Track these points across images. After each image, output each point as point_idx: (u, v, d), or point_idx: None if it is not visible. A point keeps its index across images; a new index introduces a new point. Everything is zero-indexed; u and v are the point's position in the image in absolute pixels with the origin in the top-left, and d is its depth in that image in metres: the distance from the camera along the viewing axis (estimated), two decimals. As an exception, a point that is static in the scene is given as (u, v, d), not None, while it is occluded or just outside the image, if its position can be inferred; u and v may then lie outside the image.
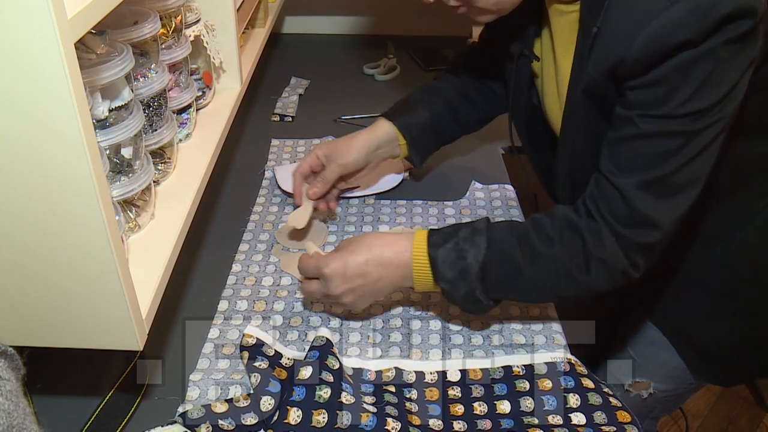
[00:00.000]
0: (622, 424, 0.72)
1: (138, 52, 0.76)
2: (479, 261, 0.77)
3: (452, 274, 0.78)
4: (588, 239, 0.76)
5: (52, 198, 0.53)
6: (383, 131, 1.04)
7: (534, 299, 0.86)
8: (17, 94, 0.48)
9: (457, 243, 0.78)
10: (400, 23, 1.82)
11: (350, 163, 1.02)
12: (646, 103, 0.70)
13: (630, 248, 0.75)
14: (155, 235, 0.76)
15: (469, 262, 0.77)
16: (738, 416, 1.88)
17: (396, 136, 1.05)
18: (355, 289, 0.81)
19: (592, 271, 0.76)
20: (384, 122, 1.05)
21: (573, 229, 0.77)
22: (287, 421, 0.70)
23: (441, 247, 0.79)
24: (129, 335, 0.64)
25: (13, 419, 0.45)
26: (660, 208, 0.73)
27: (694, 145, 0.69)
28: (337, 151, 1.02)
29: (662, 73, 0.67)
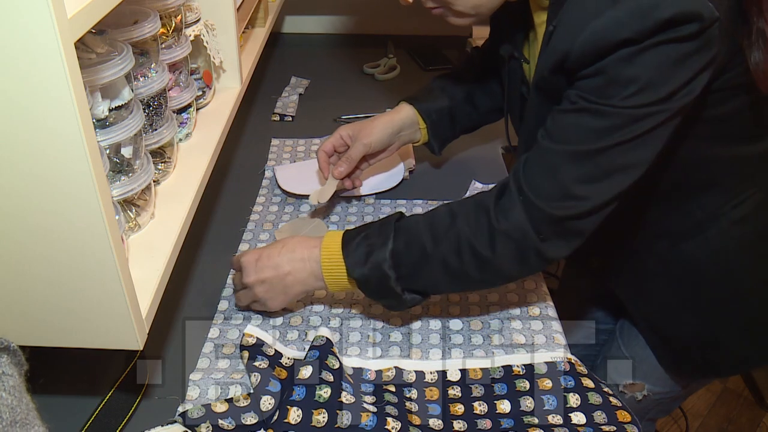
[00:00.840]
0: (622, 423, 0.72)
1: (138, 52, 0.76)
2: (389, 248, 0.78)
3: (365, 266, 0.78)
4: (493, 213, 0.74)
5: (52, 197, 0.53)
6: (405, 114, 1.07)
7: (449, 286, 0.83)
8: (17, 94, 0.48)
9: (367, 235, 0.80)
10: (400, 23, 1.82)
11: (374, 142, 1.05)
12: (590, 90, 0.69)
13: (541, 220, 0.73)
14: (155, 235, 0.76)
15: (380, 251, 0.78)
16: (738, 416, 1.88)
17: (417, 120, 1.08)
18: (265, 280, 0.82)
19: (497, 246, 0.74)
20: (405, 106, 1.08)
21: (479, 204, 0.77)
22: (287, 420, 0.70)
23: (353, 240, 0.80)
24: (129, 335, 0.64)
25: (16, 414, 0.46)
26: (584, 185, 0.71)
27: (629, 130, 0.68)
28: (362, 132, 1.05)
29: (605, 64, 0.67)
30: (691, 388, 1.05)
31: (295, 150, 1.28)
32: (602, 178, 0.71)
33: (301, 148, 1.28)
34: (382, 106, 1.43)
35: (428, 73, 1.63)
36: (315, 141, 1.31)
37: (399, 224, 0.80)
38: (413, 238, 0.78)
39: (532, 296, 0.92)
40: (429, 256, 0.77)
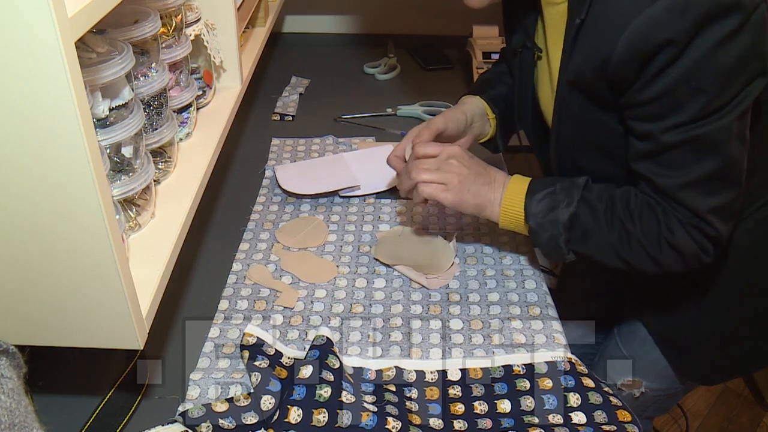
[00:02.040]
0: (622, 423, 0.72)
1: (138, 51, 0.76)
2: (569, 212, 0.82)
3: (544, 218, 0.83)
4: (662, 222, 0.78)
5: (53, 197, 0.53)
6: (474, 104, 1.02)
7: (609, 262, 0.85)
8: (18, 93, 0.48)
9: (554, 191, 0.84)
10: (401, 22, 1.82)
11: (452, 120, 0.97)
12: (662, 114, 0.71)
13: (697, 235, 0.77)
14: (156, 234, 0.76)
15: (560, 212, 0.82)
16: (738, 415, 1.88)
17: (485, 109, 1.03)
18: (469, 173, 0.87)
19: (663, 252, 0.79)
20: (471, 98, 1.04)
21: (651, 208, 0.79)
22: (287, 420, 0.70)
23: (539, 192, 0.85)
24: (129, 334, 0.64)
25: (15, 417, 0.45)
26: (709, 201, 0.75)
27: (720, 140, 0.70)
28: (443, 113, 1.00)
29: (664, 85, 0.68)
30: (689, 386, 1.05)
31: (296, 150, 1.28)
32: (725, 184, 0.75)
33: (302, 148, 1.28)
34: (383, 105, 1.44)
35: (428, 72, 1.63)
36: (315, 141, 1.31)
37: (585, 193, 0.83)
38: (594, 213, 0.82)
39: (532, 296, 0.92)
40: (603, 236, 0.81)
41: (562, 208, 0.82)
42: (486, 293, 0.93)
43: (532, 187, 0.86)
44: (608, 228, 0.81)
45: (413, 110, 1.41)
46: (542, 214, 0.83)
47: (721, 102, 0.68)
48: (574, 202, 0.82)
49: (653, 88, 0.69)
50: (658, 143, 0.73)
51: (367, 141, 1.31)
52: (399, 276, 0.96)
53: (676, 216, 0.77)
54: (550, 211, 0.83)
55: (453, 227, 1.06)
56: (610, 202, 0.82)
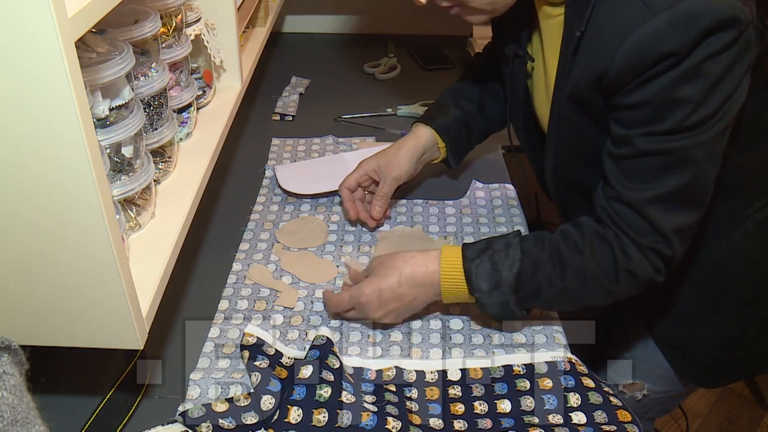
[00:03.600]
0: (622, 423, 0.72)
1: (138, 51, 0.76)
2: (513, 272, 0.78)
3: (487, 286, 0.79)
4: (616, 251, 0.76)
5: (53, 197, 0.53)
6: (425, 137, 1.05)
7: (563, 307, 0.87)
8: (18, 93, 0.48)
9: (492, 255, 0.80)
10: (401, 22, 1.82)
11: (404, 175, 1.04)
12: (642, 121, 0.70)
13: (653, 257, 0.76)
14: (156, 234, 0.76)
15: (504, 275, 0.78)
16: (738, 416, 1.88)
17: (435, 140, 1.06)
18: (392, 311, 0.84)
19: (621, 281, 0.77)
20: (423, 128, 1.06)
21: (602, 239, 0.78)
22: (288, 420, 0.70)
23: (475, 260, 0.80)
24: (129, 334, 0.64)
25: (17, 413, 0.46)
26: (674, 219, 0.74)
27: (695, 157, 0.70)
28: (389, 166, 1.03)
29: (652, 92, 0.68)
30: (691, 387, 1.05)
31: (296, 150, 1.28)
32: (687, 207, 0.74)
33: (302, 148, 1.28)
34: (383, 105, 1.44)
35: (428, 72, 1.63)
36: (315, 141, 1.31)
37: (524, 246, 0.80)
38: (539, 265, 0.79)
39: (532, 296, 0.92)
40: (554, 285, 0.79)
41: (506, 272, 0.78)
42: (486, 293, 0.93)
43: (467, 256, 0.81)
44: (558, 275, 0.78)
45: (413, 110, 1.41)
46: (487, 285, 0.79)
47: (703, 115, 0.67)
48: (516, 262, 0.79)
49: (641, 93, 0.69)
50: (633, 149, 0.72)
51: (367, 141, 1.31)
52: (399, 276, 0.96)
53: (632, 239, 0.75)
54: (495, 279, 0.79)
55: (453, 227, 1.06)
56: (554, 246, 0.79)
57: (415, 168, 1.05)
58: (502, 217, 1.09)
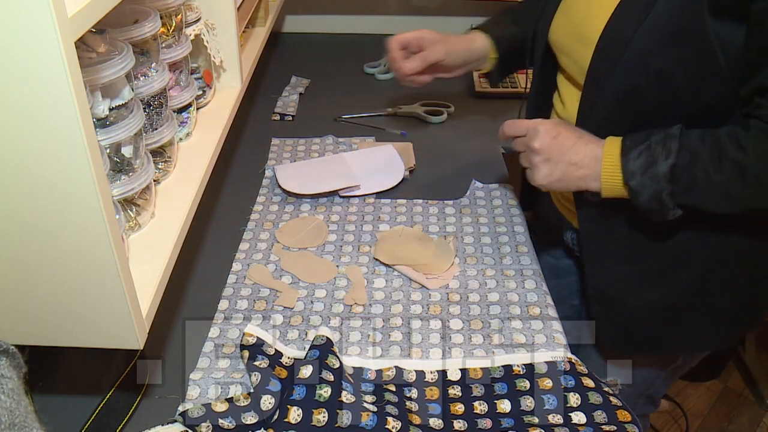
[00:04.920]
0: (622, 423, 0.72)
1: (138, 51, 0.76)
2: (669, 163, 0.76)
3: (641, 175, 0.77)
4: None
5: (53, 197, 0.53)
6: (481, 44, 1.07)
7: (720, 207, 0.80)
8: (18, 93, 0.48)
9: (649, 146, 0.78)
10: (401, 22, 1.82)
11: (454, 54, 1.05)
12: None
13: None
14: (155, 234, 0.76)
15: (660, 164, 0.76)
16: (738, 415, 1.88)
17: (489, 50, 1.07)
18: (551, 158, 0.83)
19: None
20: (479, 36, 1.08)
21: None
22: (287, 420, 0.70)
23: (634, 149, 0.79)
24: (129, 334, 0.64)
25: (14, 417, 0.45)
26: None
27: None
28: (446, 41, 1.05)
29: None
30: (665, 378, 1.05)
31: (296, 149, 1.28)
32: None
33: (302, 148, 1.28)
34: (383, 105, 1.44)
35: (428, 72, 1.63)
36: (315, 141, 1.31)
37: (683, 140, 0.77)
38: (696, 158, 0.76)
39: (532, 296, 0.92)
40: (710, 179, 0.75)
41: (661, 162, 0.76)
42: (486, 293, 0.93)
43: (626, 146, 0.79)
44: (716, 170, 0.75)
45: (413, 110, 1.41)
46: (641, 172, 0.77)
47: None
48: (672, 153, 0.76)
49: None
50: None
51: (367, 141, 1.31)
52: (399, 276, 0.96)
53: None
54: (649, 167, 0.77)
55: (453, 227, 1.06)
56: (715, 142, 0.75)
57: (463, 64, 1.07)
58: (502, 217, 1.09)
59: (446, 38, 1.06)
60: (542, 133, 0.83)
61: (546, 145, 0.83)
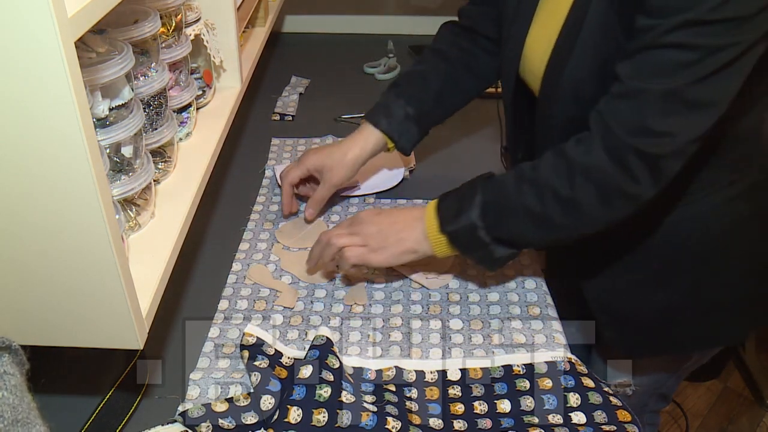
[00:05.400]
0: (622, 423, 0.72)
1: (138, 51, 0.76)
2: (478, 200, 0.80)
3: (455, 220, 0.81)
4: (571, 155, 0.75)
5: (52, 197, 0.53)
6: (373, 140, 1.03)
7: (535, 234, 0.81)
8: (17, 93, 0.48)
9: (458, 191, 0.84)
10: (401, 23, 1.82)
11: (343, 181, 1.04)
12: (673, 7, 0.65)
13: (625, 154, 0.71)
14: (155, 234, 0.76)
15: (470, 203, 0.80)
16: (738, 415, 1.88)
17: (384, 140, 1.04)
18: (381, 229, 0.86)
19: (577, 186, 0.74)
20: (370, 129, 1.03)
21: (558, 153, 0.77)
22: (287, 420, 0.70)
23: (445, 199, 0.84)
24: (129, 334, 0.64)
25: (18, 413, 0.45)
26: (671, 121, 0.70)
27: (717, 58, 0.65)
28: (332, 171, 1.02)
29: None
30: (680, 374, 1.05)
31: (296, 149, 1.28)
32: (689, 114, 0.69)
33: (302, 148, 1.28)
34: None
35: (428, 72, 1.63)
36: (315, 141, 1.31)
37: (488, 180, 0.82)
38: (500, 187, 0.80)
39: (531, 296, 0.92)
40: (513, 203, 0.79)
41: (470, 202, 0.80)
42: (486, 293, 0.93)
43: (440, 198, 0.85)
44: (517, 191, 0.78)
45: (413, 110, 1.41)
46: (454, 216, 0.81)
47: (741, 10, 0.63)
48: (478, 189, 0.80)
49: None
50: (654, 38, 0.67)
51: (367, 141, 1.31)
52: (399, 276, 0.96)
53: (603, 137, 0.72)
54: (461, 210, 0.81)
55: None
56: (516, 169, 0.80)
57: (357, 171, 1.05)
58: (502, 217, 1.09)
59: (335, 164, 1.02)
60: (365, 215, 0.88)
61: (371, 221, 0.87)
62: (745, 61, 0.67)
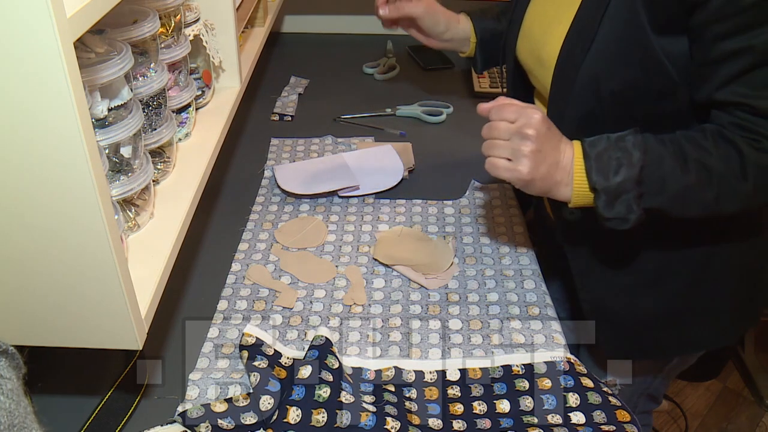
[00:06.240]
0: (621, 423, 0.72)
1: (137, 51, 0.76)
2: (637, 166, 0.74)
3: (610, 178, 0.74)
4: (744, 148, 0.73)
5: (52, 197, 0.53)
6: (464, 25, 1.13)
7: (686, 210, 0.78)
8: (16, 93, 0.48)
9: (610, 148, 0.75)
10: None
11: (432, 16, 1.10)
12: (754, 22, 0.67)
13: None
14: (155, 235, 0.76)
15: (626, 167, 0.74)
16: (737, 415, 1.88)
17: (470, 34, 1.13)
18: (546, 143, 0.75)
19: (749, 176, 0.73)
20: (464, 19, 1.13)
21: (726, 140, 0.74)
22: (287, 420, 0.70)
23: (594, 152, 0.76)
24: (128, 334, 0.64)
25: (14, 418, 0.45)
26: None
27: None
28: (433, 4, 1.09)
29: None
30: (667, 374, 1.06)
31: (295, 150, 1.28)
32: None
33: (301, 148, 1.28)
34: (382, 105, 1.44)
35: (428, 72, 1.63)
36: (314, 141, 1.31)
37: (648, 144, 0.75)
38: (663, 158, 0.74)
39: (531, 296, 0.92)
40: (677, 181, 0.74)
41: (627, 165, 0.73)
42: (485, 293, 0.93)
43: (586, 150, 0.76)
44: (682, 169, 0.74)
45: (412, 110, 1.41)
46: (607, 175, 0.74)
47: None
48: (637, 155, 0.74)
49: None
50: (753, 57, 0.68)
51: (366, 141, 1.31)
52: (398, 276, 0.96)
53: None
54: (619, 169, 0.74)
55: (452, 227, 1.06)
56: (677, 145, 0.75)
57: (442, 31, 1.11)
58: (502, 217, 1.09)
59: (434, 3, 1.09)
60: (538, 121, 0.75)
61: (542, 134, 0.75)
62: None
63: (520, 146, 0.75)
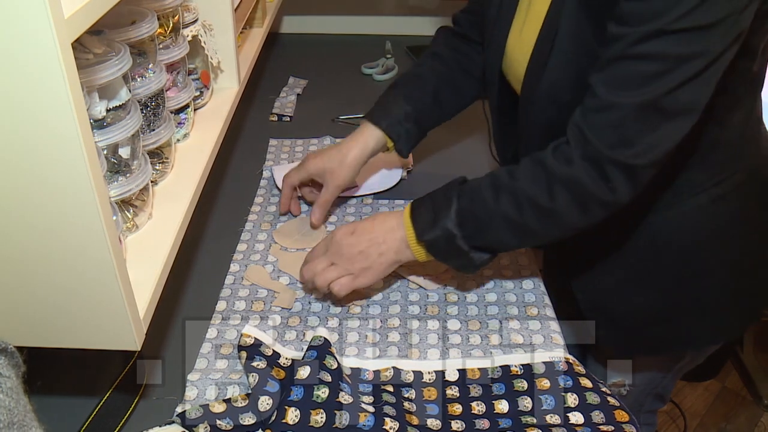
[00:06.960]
0: (620, 423, 0.72)
1: (136, 52, 0.76)
2: (453, 208, 0.80)
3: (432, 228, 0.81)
4: (550, 164, 0.75)
5: (50, 198, 0.53)
6: (373, 140, 1.03)
7: (513, 240, 0.83)
8: (14, 94, 0.48)
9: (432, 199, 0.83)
10: (399, 23, 1.82)
11: (346, 182, 1.03)
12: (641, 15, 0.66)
13: (605, 164, 0.72)
14: (153, 235, 0.76)
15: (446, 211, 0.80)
16: (736, 415, 1.88)
17: (384, 139, 1.04)
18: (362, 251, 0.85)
19: (556, 196, 0.75)
20: (370, 128, 1.03)
21: (536, 161, 0.77)
22: (285, 421, 0.70)
23: (420, 207, 0.84)
24: (127, 335, 0.64)
25: (13, 416, 0.45)
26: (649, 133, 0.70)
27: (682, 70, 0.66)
28: (334, 174, 1.01)
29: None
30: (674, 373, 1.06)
31: (293, 150, 1.28)
32: (666, 124, 0.70)
33: (299, 149, 1.28)
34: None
35: (426, 73, 1.63)
36: (313, 141, 1.31)
37: (462, 186, 0.82)
38: (476, 195, 0.80)
39: (529, 296, 0.92)
40: (491, 211, 0.78)
41: (446, 211, 0.80)
42: (484, 293, 0.93)
43: (414, 207, 0.84)
44: (493, 198, 0.77)
45: (411, 111, 1.41)
46: (430, 224, 0.81)
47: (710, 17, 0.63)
48: (454, 197, 0.80)
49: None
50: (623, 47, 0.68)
51: (364, 141, 1.31)
52: (397, 276, 0.96)
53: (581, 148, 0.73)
54: (437, 218, 0.80)
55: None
56: (492, 176, 0.80)
57: (359, 170, 1.04)
58: (500, 218, 1.09)
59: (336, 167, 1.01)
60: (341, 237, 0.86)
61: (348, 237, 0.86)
62: (716, 68, 0.67)
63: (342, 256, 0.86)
